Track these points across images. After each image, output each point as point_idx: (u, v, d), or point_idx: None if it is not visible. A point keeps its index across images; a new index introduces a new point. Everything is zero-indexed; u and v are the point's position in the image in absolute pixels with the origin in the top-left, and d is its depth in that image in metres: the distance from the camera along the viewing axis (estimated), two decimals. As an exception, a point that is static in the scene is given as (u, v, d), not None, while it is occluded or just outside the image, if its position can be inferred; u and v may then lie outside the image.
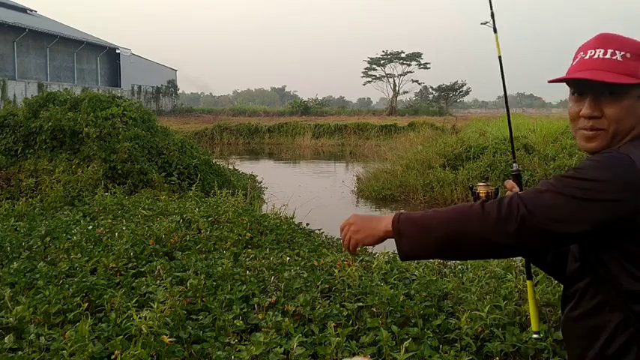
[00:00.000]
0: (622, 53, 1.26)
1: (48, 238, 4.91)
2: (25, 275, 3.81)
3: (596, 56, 1.28)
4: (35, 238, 4.88)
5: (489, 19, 1.89)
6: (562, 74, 1.36)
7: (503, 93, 1.98)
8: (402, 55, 57.44)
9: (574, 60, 1.34)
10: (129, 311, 3.02)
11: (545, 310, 3.30)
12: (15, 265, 3.98)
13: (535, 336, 1.71)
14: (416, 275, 4.13)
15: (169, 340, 2.75)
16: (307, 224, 6.64)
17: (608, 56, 1.27)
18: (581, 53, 1.33)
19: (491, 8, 1.89)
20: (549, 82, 1.40)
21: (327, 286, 3.81)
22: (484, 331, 3.08)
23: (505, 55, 1.87)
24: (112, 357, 2.57)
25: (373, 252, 5.34)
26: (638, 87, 1.25)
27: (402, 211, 1.32)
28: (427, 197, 11.64)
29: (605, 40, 1.30)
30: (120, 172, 8.75)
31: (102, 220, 5.75)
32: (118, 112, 10.01)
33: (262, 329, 2.97)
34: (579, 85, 1.30)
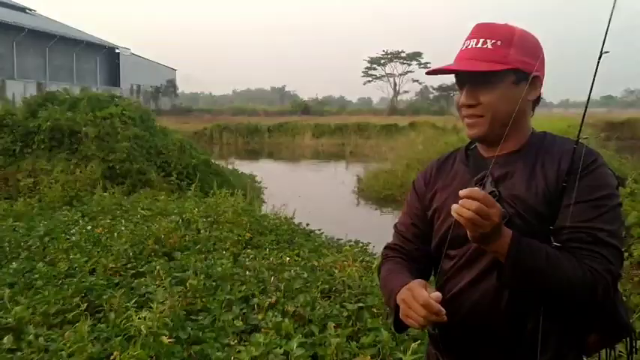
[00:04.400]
0: (492, 41, 1.28)
1: (47, 239, 4.90)
2: (24, 275, 3.80)
3: (470, 46, 1.31)
4: (34, 239, 4.87)
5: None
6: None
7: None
8: (403, 55, 57.44)
9: None
10: (128, 312, 3.00)
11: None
12: (14, 265, 3.97)
13: None
14: (416, 275, 4.11)
15: (169, 340, 2.73)
16: (307, 224, 6.63)
17: (479, 45, 1.29)
18: (462, 44, 1.36)
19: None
20: (427, 73, 1.41)
21: (327, 286, 3.79)
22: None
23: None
24: (112, 357, 2.55)
25: (373, 252, 5.33)
26: (512, 73, 1.27)
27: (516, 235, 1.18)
28: (427, 197, 11.61)
29: (478, 30, 1.33)
30: (118, 171, 8.74)
31: (101, 220, 5.74)
32: (116, 112, 9.99)
33: (262, 330, 2.96)
34: (458, 76, 1.33)
